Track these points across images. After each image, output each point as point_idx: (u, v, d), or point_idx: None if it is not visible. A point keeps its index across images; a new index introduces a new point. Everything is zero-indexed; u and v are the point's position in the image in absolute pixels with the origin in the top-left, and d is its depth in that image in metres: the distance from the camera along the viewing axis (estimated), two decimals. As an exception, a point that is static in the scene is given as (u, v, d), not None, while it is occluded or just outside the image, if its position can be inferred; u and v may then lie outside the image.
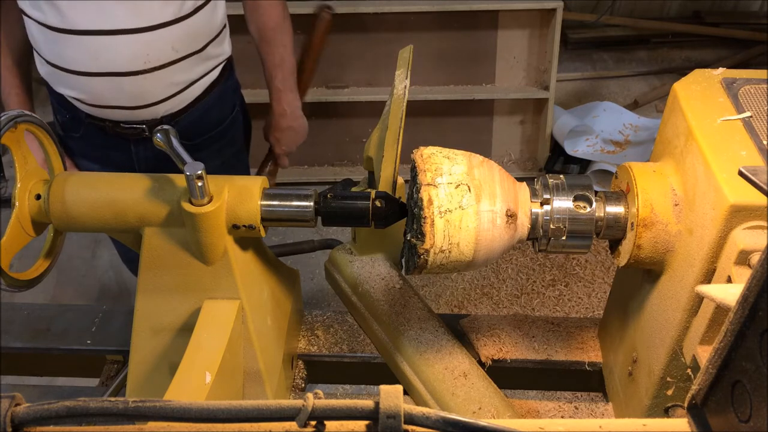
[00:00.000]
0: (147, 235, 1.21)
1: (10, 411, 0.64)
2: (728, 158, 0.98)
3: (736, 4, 4.69)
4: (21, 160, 1.20)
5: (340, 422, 0.67)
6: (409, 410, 0.63)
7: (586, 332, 1.53)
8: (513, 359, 1.48)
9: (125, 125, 1.75)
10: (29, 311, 1.65)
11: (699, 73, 1.17)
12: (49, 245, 1.30)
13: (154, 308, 1.26)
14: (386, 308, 1.47)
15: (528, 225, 1.12)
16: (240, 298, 1.23)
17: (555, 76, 3.44)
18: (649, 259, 1.11)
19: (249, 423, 0.67)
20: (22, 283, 1.23)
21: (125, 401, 0.64)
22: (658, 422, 0.73)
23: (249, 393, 1.29)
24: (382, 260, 1.57)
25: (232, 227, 1.18)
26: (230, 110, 1.94)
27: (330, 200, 1.18)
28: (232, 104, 1.94)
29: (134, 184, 1.20)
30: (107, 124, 1.75)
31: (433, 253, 1.04)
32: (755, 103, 1.09)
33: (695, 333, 1.04)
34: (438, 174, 1.04)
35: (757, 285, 0.61)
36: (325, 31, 2.37)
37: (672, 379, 1.14)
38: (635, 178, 1.11)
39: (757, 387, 0.62)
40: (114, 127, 1.76)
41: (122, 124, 1.75)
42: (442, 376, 1.36)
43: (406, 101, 1.24)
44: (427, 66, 3.50)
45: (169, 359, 1.26)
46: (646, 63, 4.59)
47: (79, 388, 1.61)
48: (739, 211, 0.93)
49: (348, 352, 1.54)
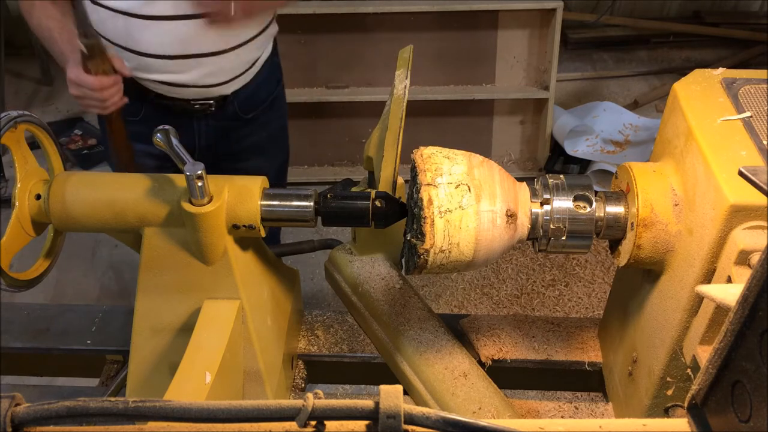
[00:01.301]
0: (147, 235, 1.21)
1: (10, 411, 0.64)
2: (728, 158, 0.98)
3: (736, 4, 4.69)
4: (21, 160, 1.20)
5: (340, 422, 0.67)
6: (409, 410, 0.63)
7: (586, 332, 1.53)
8: (513, 359, 1.48)
9: (195, 102, 1.81)
10: (29, 311, 1.65)
11: (699, 73, 1.17)
12: (49, 245, 1.31)
13: (154, 308, 1.26)
14: (386, 308, 1.47)
15: (528, 225, 1.12)
16: (240, 298, 1.23)
17: (555, 76, 3.44)
18: (649, 259, 1.11)
19: (249, 423, 0.67)
20: (22, 283, 1.23)
21: (125, 401, 0.64)
22: (658, 422, 0.73)
23: (249, 393, 1.29)
24: (382, 260, 1.57)
25: (232, 227, 1.18)
26: (276, 83, 1.99)
27: (330, 200, 1.18)
28: (278, 78, 2.00)
29: (134, 184, 1.20)
30: (177, 103, 1.80)
31: (433, 253, 1.04)
32: (755, 103, 1.09)
33: (695, 333, 1.04)
34: (438, 174, 1.04)
35: (757, 285, 0.61)
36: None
37: (672, 379, 1.14)
38: (635, 178, 1.11)
39: (757, 387, 0.62)
40: (184, 105, 1.81)
41: (192, 101, 1.81)
42: (442, 376, 1.36)
43: (406, 101, 1.24)
44: (427, 66, 3.50)
45: (169, 359, 1.26)
46: (646, 63, 4.59)
47: (79, 388, 1.61)
48: (739, 211, 0.93)
49: (348, 352, 1.54)
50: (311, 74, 3.53)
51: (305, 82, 3.54)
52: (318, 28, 3.37)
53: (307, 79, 3.54)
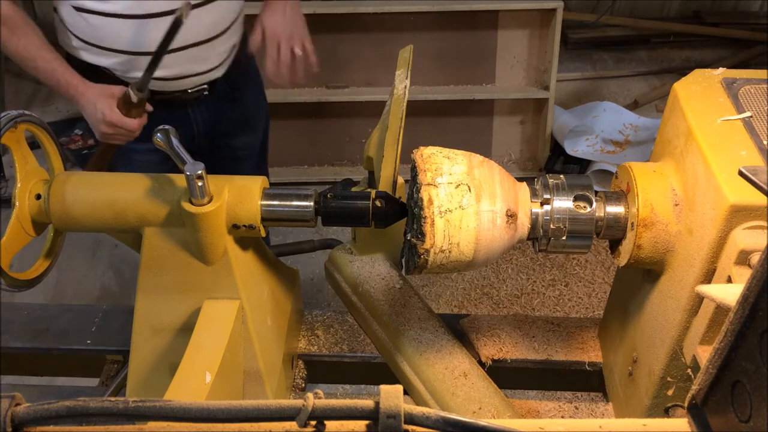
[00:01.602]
0: (147, 235, 1.21)
1: (10, 411, 0.64)
2: (728, 158, 0.98)
3: (736, 4, 4.69)
4: (21, 160, 1.20)
5: (340, 422, 0.67)
6: (409, 410, 0.63)
7: (586, 332, 1.53)
8: (513, 359, 1.48)
9: (192, 90, 1.89)
10: (29, 311, 1.65)
11: (699, 73, 1.17)
12: (49, 245, 1.31)
13: (154, 308, 1.26)
14: (386, 308, 1.47)
15: (528, 225, 1.12)
16: (240, 298, 1.23)
17: (555, 76, 3.44)
18: (649, 259, 1.11)
19: (249, 423, 0.67)
20: (22, 283, 1.23)
21: (125, 401, 0.64)
22: (658, 422, 0.73)
23: (249, 393, 1.29)
24: (382, 260, 1.57)
25: (232, 227, 1.18)
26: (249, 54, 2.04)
27: (330, 200, 1.18)
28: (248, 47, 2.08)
29: (134, 184, 1.20)
30: (175, 95, 1.87)
31: (433, 253, 1.04)
32: (755, 103, 1.09)
33: (695, 333, 1.04)
34: (438, 174, 1.04)
35: (757, 285, 0.61)
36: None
37: (672, 379, 1.14)
38: (635, 178, 1.11)
39: (757, 387, 0.62)
40: (181, 95, 1.88)
41: (189, 90, 1.88)
42: (442, 376, 1.36)
43: (406, 101, 1.24)
44: (427, 66, 3.49)
45: (169, 359, 1.26)
46: (646, 63, 4.59)
47: (79, 388, 1.61)
48: (739, 211, 0.93)
49: (348, 352, 1.54)
50: (311, 74, 3.53)
51: (305, 82, 3.53)
52: (318, 28, 3.36)
53: (307, 79, 3.53)
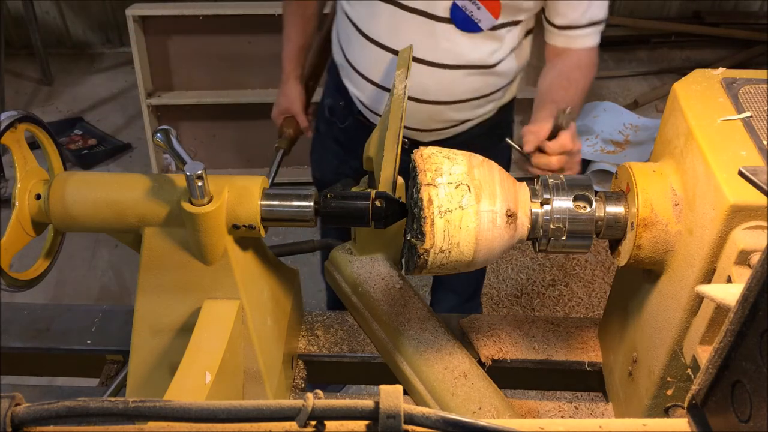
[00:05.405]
0: (147, 235, 1.21)
1: (10, 411, 0.64)
2: (728, 158, 0.98)
3: (736, 4, 4.70)
4: (21, 160, 1.20)
5: (340, 422, 0.67)
6: (409, 410, 0.63)
7: (586, 332, 1.53)
8: (513, 359, 1.48)
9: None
10: (29, 311, 1.65)
11: (699, 73, 1.17)
12: (49, 245, 1.31)
13: (154, 308, 1.26)
14: (386, 308, 1.47)
15: (528, 225, 1.12)
16: (240, 298, 1.23)
17: (555, 76, 3.43)
18: (649, 259, 1.11)
19: (249, 423, 0.67)
20: (22, 283, 1.23)
21: (125, 401, 0.64)
22: (658, 422, 0.73)
23: (249, 393, 1.29)
24: (382, 260, 1.57)
25: (232, 227, 1.18)
26: None
27: (330, 200, 1.18)
28: None
29: (134, 184, 1.20)
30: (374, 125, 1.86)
31: (433, 253, 1.04)
32: (755, 103, 1.09)
33: (695, 333, 1.04)
34: (438, 174, 1.04)
35: (757, 285, 0.61)
36: None
37: (672, 379, 1.14)
38: (635, 178, 1.11)
39: (757, 387, 0.62)
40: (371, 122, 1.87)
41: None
42: (442, 376, 1.36)
43: (406, 101, 1.24)
44: (427, 66, 3.49)
45: (169, 359, 1.26)
46: (646, 63, 4.60)
47: (79, 388, 1.61)
48: (739, 211, 0.93)
49: (348, 352, 1.54)
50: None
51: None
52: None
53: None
